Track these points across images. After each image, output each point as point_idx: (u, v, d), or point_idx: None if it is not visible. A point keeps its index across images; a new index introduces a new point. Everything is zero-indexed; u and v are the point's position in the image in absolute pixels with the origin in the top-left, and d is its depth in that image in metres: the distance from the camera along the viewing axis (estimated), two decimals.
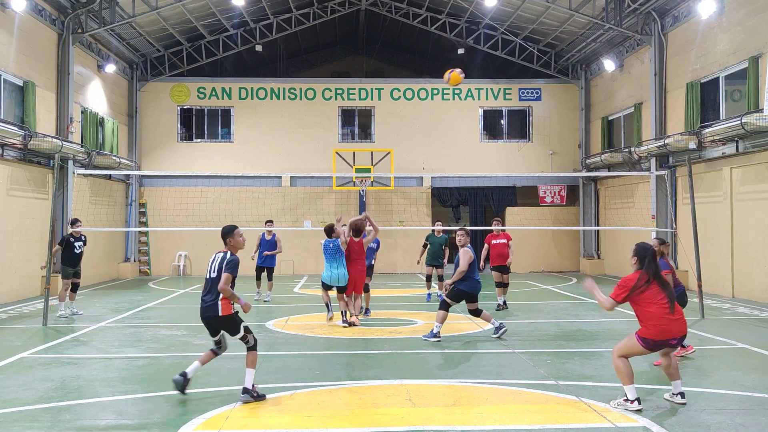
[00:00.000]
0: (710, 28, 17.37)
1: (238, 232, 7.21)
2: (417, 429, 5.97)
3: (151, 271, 24.84)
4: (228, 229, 7.18)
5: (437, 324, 10.29)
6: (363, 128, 26.29)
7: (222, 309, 6.90)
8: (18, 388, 7.49)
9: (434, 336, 10.25)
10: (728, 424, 6.05)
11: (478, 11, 23.60)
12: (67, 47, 19.04)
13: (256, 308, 14.34)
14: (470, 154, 25.61)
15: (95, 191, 21.23)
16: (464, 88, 26.13)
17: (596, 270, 24.46)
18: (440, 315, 10.32)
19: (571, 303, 15.58)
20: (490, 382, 7.74)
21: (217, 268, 6.94)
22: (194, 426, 6.10)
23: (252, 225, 19.31)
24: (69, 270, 13.42)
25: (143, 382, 7.92)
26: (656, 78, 19.65)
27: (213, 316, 6.98)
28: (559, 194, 25.87)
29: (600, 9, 20.65)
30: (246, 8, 22.92)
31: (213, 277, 6.95)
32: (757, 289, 15.47)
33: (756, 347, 9.75)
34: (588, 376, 8.04)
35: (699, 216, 14.45)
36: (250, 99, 25.69)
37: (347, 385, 7.63)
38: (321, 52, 31.97)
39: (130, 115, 24.74)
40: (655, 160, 19.63)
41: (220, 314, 6.92)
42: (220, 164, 24.73)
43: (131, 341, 10.73)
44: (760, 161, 15.38)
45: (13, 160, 16.55)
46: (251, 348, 7.08)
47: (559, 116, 26.17)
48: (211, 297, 6.93)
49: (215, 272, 6.96)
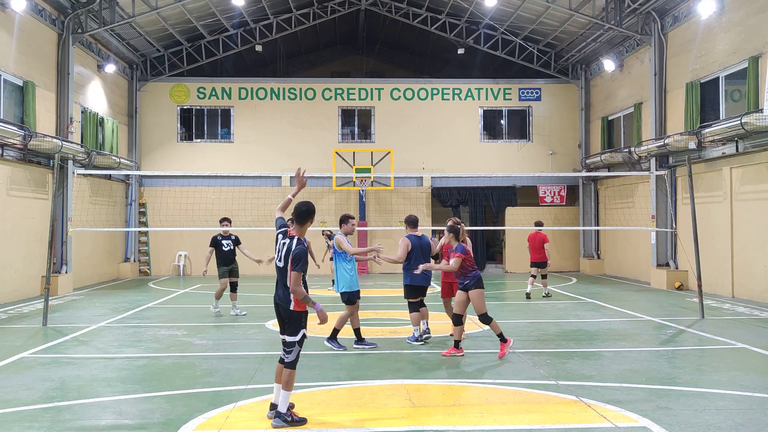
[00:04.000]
0: (710, 28, 17.37)
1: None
2: (417, 429, 5.97)
3: (151, 271, 24.84)
4: (307, 211, 6.40)
5: (415, 328, 10.16)
6: (363, 128, 26.29)
7: (295, 303, 6.19)
8: (18, 388, 7.50)
9: (416, 340, 10.05)
10: (728, 424, 6.05)
11: (478, 11, 23.60)
12: (67, 47, 19.03)
13: (256, 308, 14.35)
14: (470, 154, 25.61)
15: (95, 191, 21.23)
16: (464, 88, 26.16)
17: (596, 270, 24.47)
18: (414, 317, 10.14)
19: (571, 303, 15.58)
20: (490, 382, 7.74)
21: (284, 257, 6.24)
22: (194, 426, 6.10)
23: (252, 225, 19.34)
24: (224, 269, 13.40)
25: (143, 382, 7.92)
26: (656, 78, 19.65)
27: (285, 307, 6.22)
28: (559, 194, 25.87)
29: (600, 9, 20.65)
30: (246, 8, 22.92)
31: (281, 267, 6.27)
32: (757, 289, 15.46)
33: (756, 347, 9.75)
34: (588, 376, 8.04)
35: (699, 216, 14.44)
36: (250, 99, 25.69)
37: (347, 385, 7.63)
38: (321, 52, 31.97)
39: (130, 115, 24.75)
40: (655, 160, 19.63)
41: (292, 308, 6.18)
42: (220, 164, 24.74)
43: (131, 341, 10.72)
44: (760, 161, 15.38)
45: (13, 160, 16.54)
46: (289, 365, 6.18)
47: (559, 116, 26.17)
48: (282, 291, 6.26)
49: (282, 261, 6.27)
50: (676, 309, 14.31)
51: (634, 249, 21.97)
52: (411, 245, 10.04)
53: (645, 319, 12.92)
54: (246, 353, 9.63)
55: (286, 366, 6.18)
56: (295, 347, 6.20)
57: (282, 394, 6.13)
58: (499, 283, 21.62)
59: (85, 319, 13.03)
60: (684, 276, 18.38)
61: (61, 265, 18.54)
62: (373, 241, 25.22)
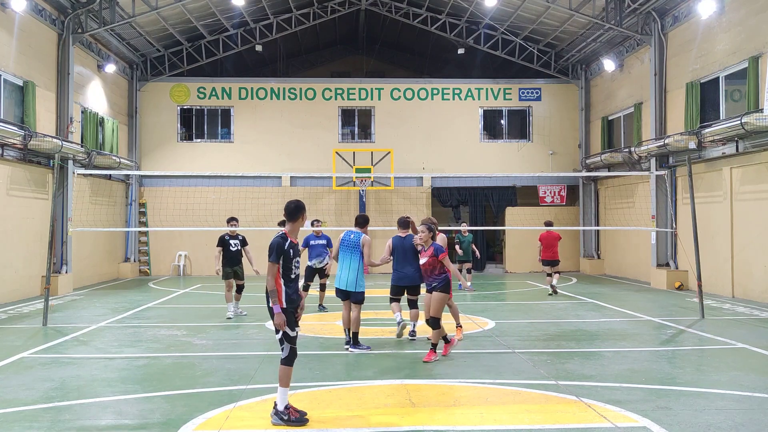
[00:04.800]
0: (710, 28, 17.36)
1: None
2: (417, 429, 5.97)
3: (151, 271, 24.84)
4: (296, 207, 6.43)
5: (396, 314, 10.28)
6: (363, 128, 26.29)
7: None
8: (18, 388, 7.50)
9: (398, 324, 10.17)
10: (728, 424, 6.05)
11: (478, 11, 23.59)
12: (67, 47, 19.03)
13: (256, 308, 14.34)
14: (470, 154, 25.61)
15: (95, 191, 21.23)
16: (464, 88, 26.17)
17: (596, 270, 24.47)
18: (393, 307, 10.34)
19: (571, 303, 15.58)
20: (490, 382, 7.74)
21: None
22: (194, 426, 6.10)
23: (252, 225, 19.33)
24: (228, 270, 13.06)
25: (143, 382, 7.92)
26: (656, 78, 19.65)
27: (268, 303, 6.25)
28: (559, 194, 25.87)
29: (600, 9, 20.64)
30: (246, 8, 22.92)
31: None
32: (757, 289, 15.47)
33: (756, 347, 9.75)
34: (588, 376, 8.04)
35: (699, 216, 14.44)
36: (250, 99, 25.69)
37: (347, 385, 7.63)
38: (321, 52, 31.97)
39: (130, 115, 24.75)
40: (655, 160, 19.63)
41: (270, 304, 6.20)
42: (220, 164, 24.74)
43: (131, 341, 10.72)
44: (760, 161, 15.38)
45: (13, 160, 16.55)
46: (282, 361, 6.24)
47: (559, 116, 26.17)
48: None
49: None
50: (676, 309, 14.31)
51: (634, 249, 21.96)
52: (392, 246, 10.14)
53: (645, 319, 12.92)
54: (246, 353, 9.64)
55: (280, 362, 6.26)
56: (284, 344, 6.21)
57: (278, 391, 6.17)
58: (499, 283, 21.63)
59: (85, 319, 13.03)
60: (684, 276, 18.38)
61: (61, 265, 18.55)
62: (372, 241, 25.15)
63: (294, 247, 6.39)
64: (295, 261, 6.35)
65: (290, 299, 6.29)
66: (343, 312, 9.94)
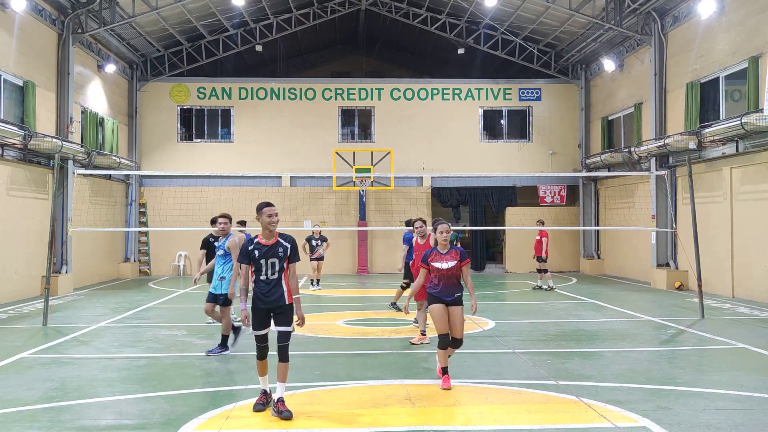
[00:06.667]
0: (710, 28, 17.36)
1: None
2: (417, 429, 5.97)
3: (151, 271, 24.84)
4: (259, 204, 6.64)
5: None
6: (363, 128, 26.29)
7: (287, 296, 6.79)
8: (18, 388, 7.49)
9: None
10: (728, 424, 6.05)
11: (478, 11, 23.59)
12: (67, 47, 19.03)
13: None
14: (470, 154, 25.61)
15: (95, 191, 21.23)
16: (464, 88, 26.17)
17: (596, 270, 24.47)
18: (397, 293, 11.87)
19: (571, 303, 15.58)
20: (490, 382, 7.74)
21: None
22: (194, 426, 6.10)
23: (252, 225, 19.29)
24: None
25: (143, 382, 7.92)
26: (656, 78, 19.65)
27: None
28: (559, 194, 25.87)
29: (600, 9, 20.64)
30: (246, 8, 22.92)
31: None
32: (757, 289, 15.46)
33: (756, 347, 9.74)
34: (588, 376, 8.04)
35: (699, 216, 14.44)
36: (250, 99, 25.69)
37: (347, 385, 7.62)
38: (321, 52, 31.96)
39: (130, 115, 24.74)
40: (655, 160, 19.63)
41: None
42: (220, 164, 24.74)
43: (131, 341, 10.72)
44: (760, 161, 15.38)
45: (13, 160, 16.54)
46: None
47: (559, 116, 26.16)
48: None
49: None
50: (676, 309, 14.31)
51: (634, 249, 21.96)
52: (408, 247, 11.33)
53: (645, 319, 12.92)
54: (246, 353, 9.63)
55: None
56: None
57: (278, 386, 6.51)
58: (499, 283, 21.64)
59: (85, 319, 13.03)
60: (684, 276, 18.38)
61: (61, 265, 18.55)
62: (372, 241, 25.25)
63: (260, 248, 6.50)
64: (263, 261, 6.47)
65: (257, 298, 6.58)
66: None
